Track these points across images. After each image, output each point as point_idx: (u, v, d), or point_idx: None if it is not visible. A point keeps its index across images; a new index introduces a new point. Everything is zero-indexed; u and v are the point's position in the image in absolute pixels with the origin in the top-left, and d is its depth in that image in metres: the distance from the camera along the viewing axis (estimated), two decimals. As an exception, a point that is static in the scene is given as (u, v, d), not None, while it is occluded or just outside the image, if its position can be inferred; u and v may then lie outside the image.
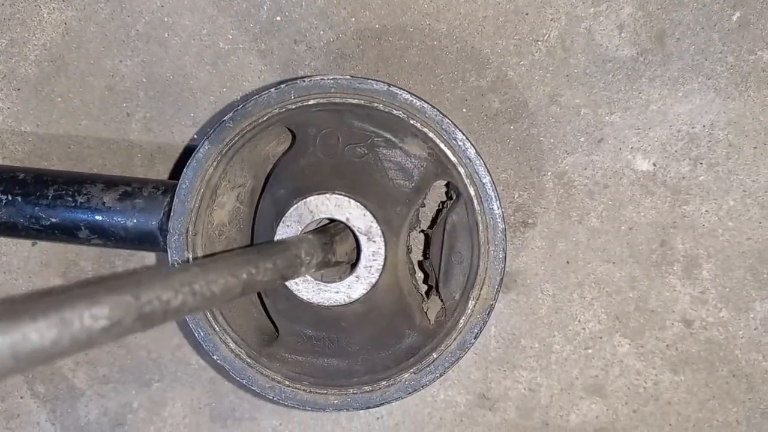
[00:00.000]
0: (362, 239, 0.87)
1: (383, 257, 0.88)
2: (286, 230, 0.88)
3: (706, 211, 1.01)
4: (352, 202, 0.87)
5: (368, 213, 0.87)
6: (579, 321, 1.04)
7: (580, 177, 1.02)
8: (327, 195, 0.88)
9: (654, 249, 1.02)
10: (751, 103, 0.99)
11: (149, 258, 1.11)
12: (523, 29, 1.01)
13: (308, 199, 0.88)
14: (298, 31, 1.04)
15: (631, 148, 1.01)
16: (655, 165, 1.01)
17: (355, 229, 0.87)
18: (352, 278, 0.88)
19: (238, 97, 1.06)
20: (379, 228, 0.87)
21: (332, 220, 0.89)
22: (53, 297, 0.44)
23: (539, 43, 1.01)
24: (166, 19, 1.05)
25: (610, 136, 1.01)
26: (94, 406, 1.15)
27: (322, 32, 1.03)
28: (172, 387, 1.13)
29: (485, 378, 1.07)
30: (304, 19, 1.03)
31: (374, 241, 0.87)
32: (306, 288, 0.89)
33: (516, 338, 1.06)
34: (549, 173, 1.03)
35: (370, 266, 0.88)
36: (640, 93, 1.00)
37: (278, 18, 1.04)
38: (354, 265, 0.88)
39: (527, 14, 1.00)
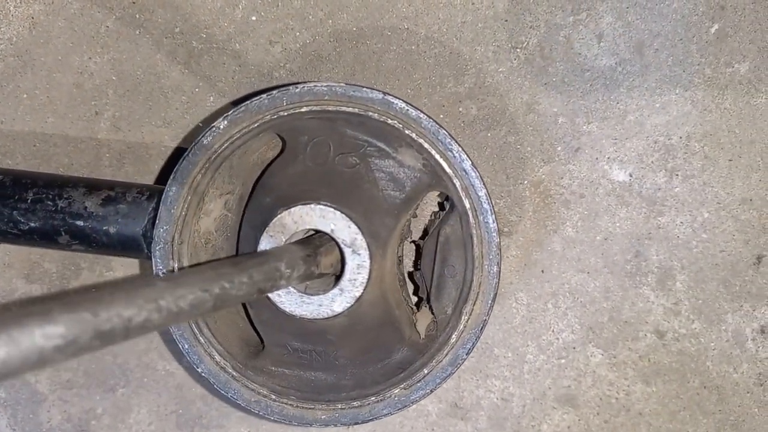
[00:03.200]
0: (347, 251, 0.84)
1: (368, 270, 0.84)
2: (269, 241, 0.85)
3: (681, 222, 1.01)
4: (338, 213, 0.84)
5: (353, 224, 0.84)
6: (553, 331, 1.04)
7: (556, 186, 1.02)
8: (312, 205, 0.84)
9: (628, 260, 1.02)
10: (728, 115, 0.99)
11: (116, 261, 1.09)
12: (501, 36, 1.00)
13: (292, 209, 0.84)
14: (273, 32, 1.02)
15: (608, 158, 1.01)
16: (631, 176, 1.01)
17: (339, 241, 0.84)
18: (335, 291, 0.84)
19: (211, 98, 1.04)
20: (364, 240, 0.84)
21: (317, 231, 0.86)
22: (3, 313, 0.42)
23: (518, 50, 1.00)
24: (137, 16, 1.02)
25: (587, 145, 1.01)
26: (56, 412, 1.11)
27: (298, 33, 1.01)
28: (138, 393, 1.10)
29: (458, 387, 1.06)
30: (280, 19, 1.01)
31: (359, 254, 0.84)
32: (289, 300, 0.85)
33: (489, 347, 1.05)
34: (525, 182, 1.02)
35: (355, 279, 0.84)
36: (617, 103, 1.00)
37: (253, 18, 1.01)
38: (338, 277, 0.85)
39: (506, 21, 0.99)
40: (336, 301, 0.85)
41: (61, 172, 1.06)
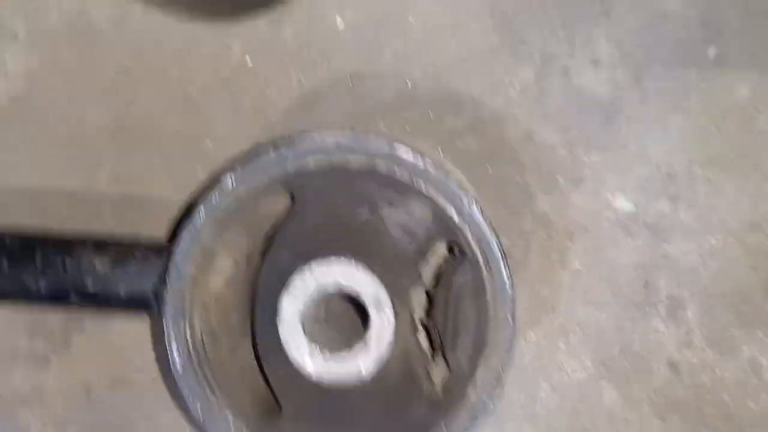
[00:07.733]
0: (370, 309, 0.84)
1: (393, 327, 0.84)
2: (292, 301, 0.85)
3: (688, 250, 0.99)
4: (359, 268, 0.84)
5: (376, 280, 0.83)
6: (564, 369, 1.01)
7: (559, 219, 1.00)
8: (331, 261, 0.84)
9: (637, 291, 1.00)
10: (730, 140, 0.98)
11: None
12: (497, 68, 0.99)
13: (312, 266, 0.85)
14: (269, 74, 1.01)
15: (610, 188, 0.99)
16: (635, 205, 0.99)
17: (363, 297, 0.84)
18: (361, 351, 0.84)
19: (210, 144, 1.03)
20: (387, 296, 0.83)
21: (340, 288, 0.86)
22: None
23: (514, 82, 0.99)
24: (134, 69, 1.02)
25: (589, 176, 0.99)
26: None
27: (293, 74, 1.01)
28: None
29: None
30: (276, 61, 1.01)
31: (384, 311, 0.83)
32: (313, 361, 0.85)
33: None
34: (528, 215, 1.01)
35: (381, 337, 0.83)
36: (617, 132, 0.99)
37: (248, 60, 1.01)
38: (363, 336, 0.85)
39: (501, 53, 0.99)
40: (363, 362, 0.84)
41: (61, 226, 1.05)
